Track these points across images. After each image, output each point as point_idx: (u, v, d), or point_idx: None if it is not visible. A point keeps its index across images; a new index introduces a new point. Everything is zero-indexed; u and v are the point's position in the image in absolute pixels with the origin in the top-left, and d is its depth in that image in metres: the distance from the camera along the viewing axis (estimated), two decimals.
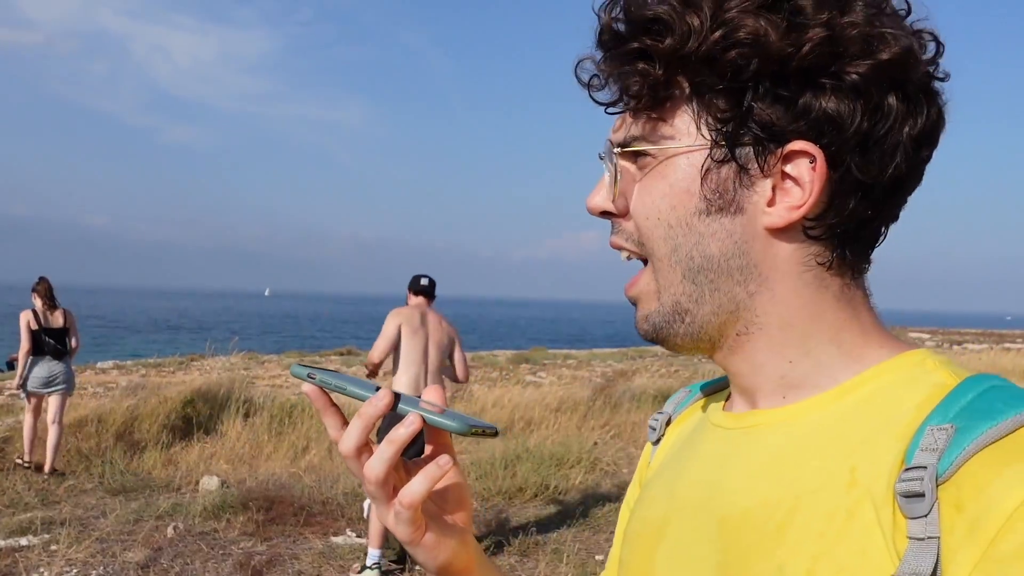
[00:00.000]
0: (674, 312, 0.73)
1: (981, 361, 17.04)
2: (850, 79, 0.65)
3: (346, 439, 0.71)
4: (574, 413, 10.71)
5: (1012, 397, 0.62)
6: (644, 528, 0.81)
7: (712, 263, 0.71)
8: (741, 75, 0.66)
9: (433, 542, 0.74)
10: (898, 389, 0.68)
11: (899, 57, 0.66)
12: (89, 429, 8.66)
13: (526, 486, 7.57)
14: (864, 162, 0.67)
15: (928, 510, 0.58)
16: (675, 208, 0.71)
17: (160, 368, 16.75)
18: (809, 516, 0.65)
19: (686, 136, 0.70)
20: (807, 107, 0.66)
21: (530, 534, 6.38)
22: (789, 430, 0.71)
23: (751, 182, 0.69)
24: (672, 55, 0.67)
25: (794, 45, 0.65)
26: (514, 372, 17.51)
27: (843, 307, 0.72)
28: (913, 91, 0.68)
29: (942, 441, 0.60)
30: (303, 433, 9.11)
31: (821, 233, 0.70)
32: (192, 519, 6.43)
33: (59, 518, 6.40)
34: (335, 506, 6.80)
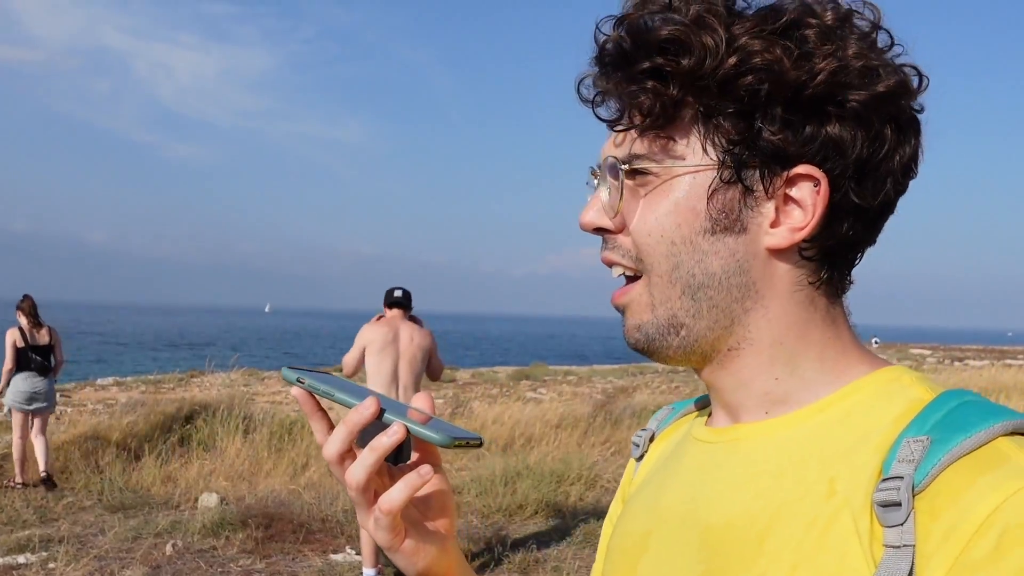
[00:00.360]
0: (669, 325, 0.75)
1: (982, 377, 17.00)
2: (852, 108, 0.68)
3: (330, 445, 0.73)
4: (575, 430, 10.68)
5: (984, 411, 0.65)
6: (626, 541, 0.83)
7: (713, 280, 0.73)
8: (754, 100, 0.68)
9: (413, 548, 0.75)
10: (876, 403, 0.70)
11: (895, 89, 0.69)
12: (88, 446, 8.64)
13: (526, 503, 7.55)
14: (860, 188, 0.70)
15: (904, 519, 0.61)
16: (680, 226, 0.72)
17: (160, 384, 16.73)
18: (789, 526, 0.67)
19: (693, 156, 0.72)
20: (814, 133, 0.69)
21: (530, 551, 6.35)
22: (770, 443, 0.73)
23: (755, 203, 0.72)
24: (688, 76, 0.69)
25: (807, 74, 0.68)
26: (515, 388, 17.49)
27: (828, 325, 0.75)
28: (903, 122, 0.71)
29: (918, 452, 0.63)
30: (303, 450, 9.08)
31: (814, 254, 0.72)
32: (191, 536, 6.41)
33: (57, 535, 6.38)
34: (334, 523, 6.77)
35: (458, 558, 0.80)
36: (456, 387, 18.35)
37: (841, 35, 0.70)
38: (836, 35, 0.69)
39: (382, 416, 0.71)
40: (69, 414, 11.15)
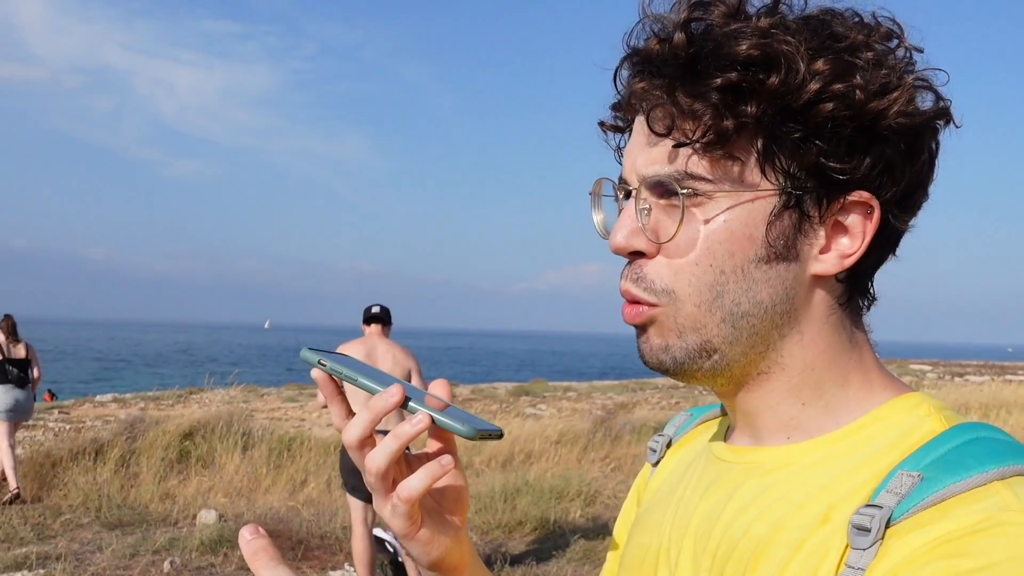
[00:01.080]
0: (701, 350, 0.71)
1: (983, 393, 16.98)
2: (907, 135, 0.68)
3: (351, 429, 0.71)
4: (574, 446, 10.65)
5: (987, 453, 0.63)
6: (643, 554, 0.82)
7: (759, 309, 0.70)
8: (825, 125, 0.66)
9: (428, 537, 0.74)
10: (892, 433, 0.69)
11: (940, 114, 0.69)
12: (87, 462, 8.61)
13: (526, 519, 7.51)
14: (902, 213, 0.70)
15: (868, 545, 0.61)
16: (733, 255, 0.69)
17: (159, 401, 16.68)
18: (780, 548, 0.67)
19: (751, 179, 0.68)
20: (875, 160, 0.67)
21: (530, 568, 6.32)
22: (786, 470, 0.72)
23: (811, 230, 0.70)
24: (773, 96, 0.65)
25: (885, 105, 0.66)
26: (514, 404, 17.44)
27: (853, 349, 0.74)
28: (936, 146, 0.71)
29: (906, 487, 0.62)
30: (302, 466, 9.05)
31: (846, 277, 0.71)
32: (189, 553, 6.38)
33: (55, 553, 6.35)
34: (333, 540, 6.74)
35: (470, 550, 0.80)
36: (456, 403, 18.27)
37: (894, 60, 0.69)
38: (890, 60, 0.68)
39: (406, 404, 0.70)
40: (68, 431, 11.11)
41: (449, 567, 0.77)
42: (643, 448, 7.80)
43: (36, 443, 9.94)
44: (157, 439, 9.20)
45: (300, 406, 16.07)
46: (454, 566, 0.77)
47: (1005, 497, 0.59)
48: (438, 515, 0.76)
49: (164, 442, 9.16)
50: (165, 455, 8.98)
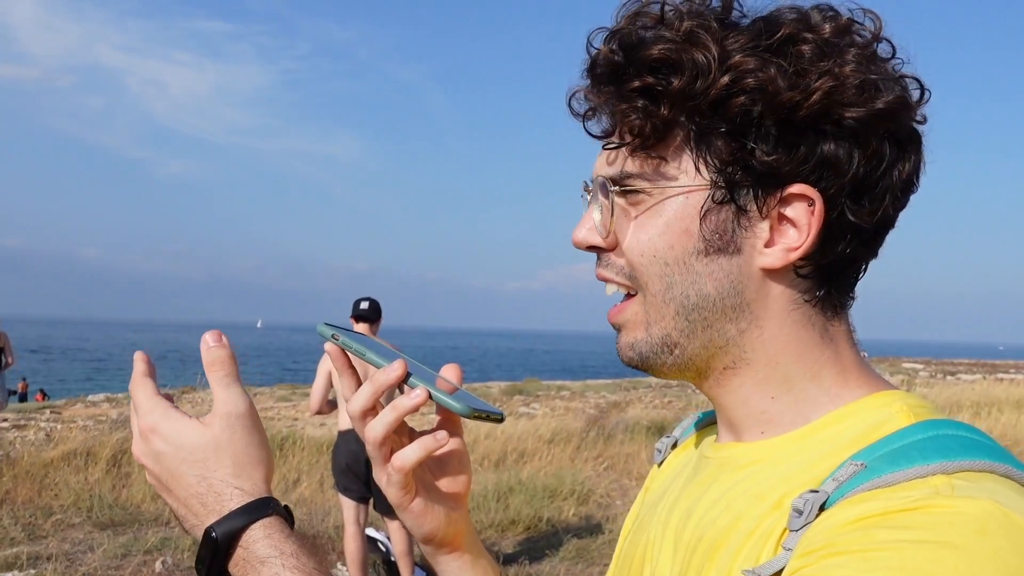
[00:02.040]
0: (663, 344, 0.74)
1: (974, 391, 17.02)
2: (848, 126, 0.67)
3: (355, 401, 0.76)
4: (567, 445, 10.65)
5: (937, 448, 0.63)
6: (634, 550, 0.85)
7: (707, 302, 0.72)
8: (747, 120, 0.67)
9: (421, 509, 0.78)
10: (859, 429, 0.69)
11: (893, 105, 0.68)
12: (78, 462, 8.57)
13: (519, 519, 7.51)
14: (857, 206, 0.69)
15: (800, 527, 0.61)
16: (673, 247, 0.71)
17: None
18: (736, 536, 0.68)
19: (685, 176, 0.71)
20: (809, 152, 0.67)
21: (523, 567, 6.32)
22: (756, 464, 0.73)
23: (749, 223, 0.70)
24: (679, 97, 0.67)
25: (802, 93, 0.66)
26: (507, 403, 17.44)
27: (826, 345, 0.74)
28: (903, 137, 0.70)
29: (847, 475, 0.62)
30: (294, 466, 9.03)
31: (810, 272, 0.71)
32: (181, 553, 6.35)
33: (46, 553, 6.31)
34: (326, 539, 6.73)
35: (469, 530, 0.83)
36: None
37: (839, 49, 0.68)
38: (833, 50, 0.68)
39: (407, 380, 0.74)
40: (59, 430, 11.07)
41: (443, 541, 0.81)
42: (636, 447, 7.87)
43: (27, 443, 9.89)
44: None
45: (293, 405, 16.04)
46: (448, 541, 0.81)
47: (939, 486, 0.58)
48: (436, 491, 0.80)
49: None
50: None
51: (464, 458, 0.82)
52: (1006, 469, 0.61)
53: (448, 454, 0.82)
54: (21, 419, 13.32)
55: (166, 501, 0.77)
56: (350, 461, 5.43)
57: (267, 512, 0.74)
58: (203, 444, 0.76)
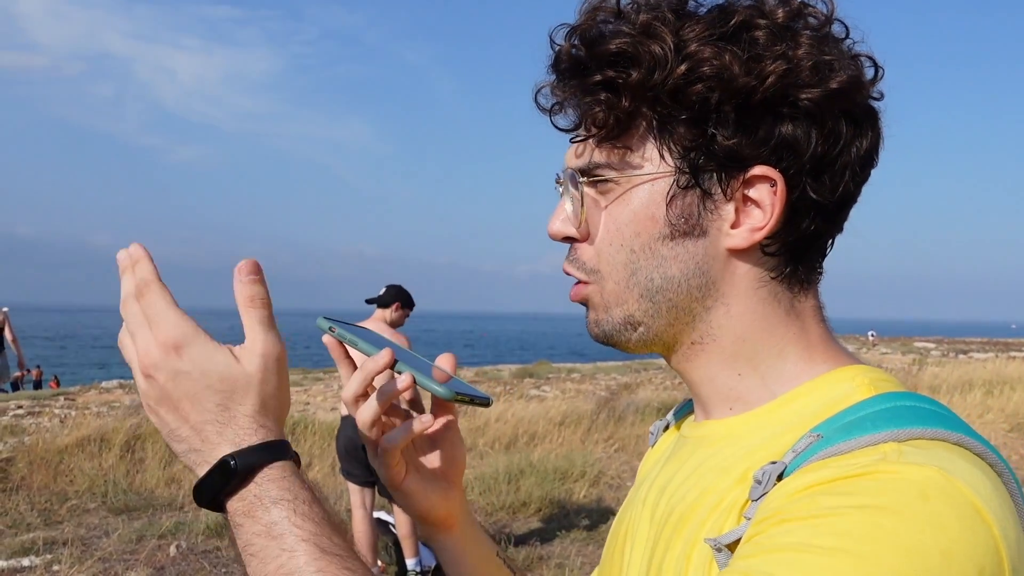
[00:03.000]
0: (625, 324, 0.77)
1: (986, 369, 16.94)
2: (804, 107, 0.69)
3: (347, 387, 0.81)
4: (578, 427, 10.67)
5: (890, 418, 0.64)
6: (617, 529, 0.88)
7: (672, 284, 0.74)
8: (705, 106, 0.69)
9: (412, 488, 0.83)
10: (821, 403, 0.71)
11: (847, 84, 0.70)
12: (92, 448, 8.64)
13: (530, 500, 7.54)
14: (818, 183, 0.71)
15: (758, 496, 0.63)
16: (639, 234, 0.74)
17: None
18: (700, 509, 0.71)
19: (650, 164, 0.73)
20: (767, 134, 0.70)
21: (534, 548, 6.35)
22: (724, 441, 0.76)
23: (714, 206, 0.73)
24: (638, 88, 0.70)
25: (757, 78, 0.68)
26: (518, 386, 17.47)
27: (792, 321, 0.76)
28: (859, 114, 0.72)
29: (804, 446, 0.64)
30: (306, 450, 9.08)
31: (777, 250, 0.73)
32: (195, 538, 6.41)
33: (61, 538, 6.38)
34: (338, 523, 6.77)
35: (463, 508, 0.87)
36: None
37: (792, 33, 0.70)
38: (787, 34, 0.70)
39: (395, 366, 0.79)
40: (73, 417, 11.15)
41: (437, 520, 0.85)
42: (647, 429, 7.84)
43: (42, 429, 9.98)
44: None
45: (304, 390, 16.12)
46: (443, 520, 0.85)
47: (887, 453, 0.59)
48: (429, 471, 0.85)
49: None
50: None
51: (457, 439, 0.86)
52: (958, 438, 0.62)
53: (441, 436, 0.86)
54: (36, 406, 13.43)
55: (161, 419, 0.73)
56: (348, 446, 5.49)
57: (286, 455, 0.73)
58: (233, 375, 0.72)
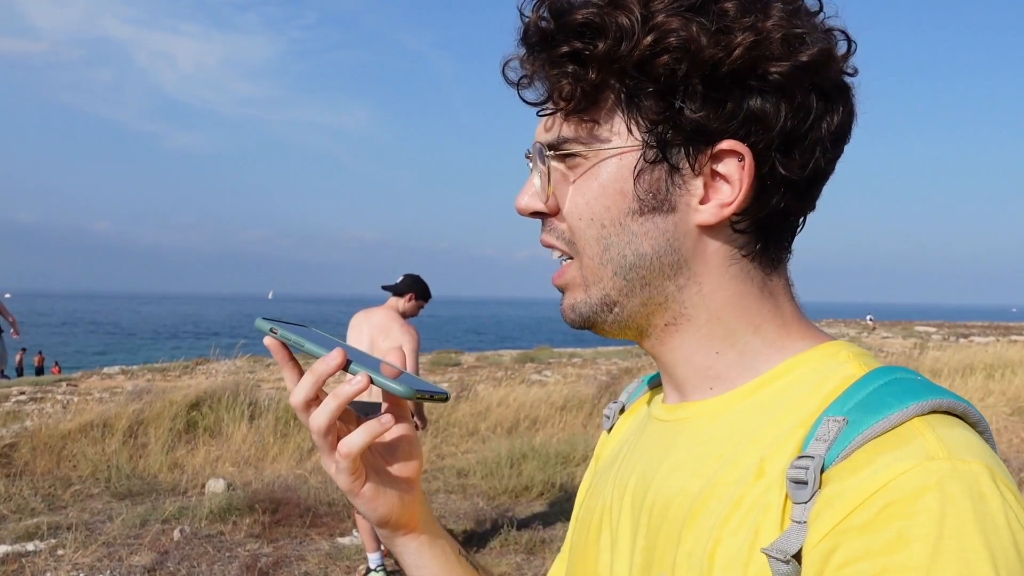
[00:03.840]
0: (602, 304, 0.75)
1: (988, 353, 16.94)
2: (773, 80, 0.68)
3: (296, 392, 0.76)
4: (579, 411, 10.70)
5: (905, 391, 0.65)
6: (590, 516, 0.86)
7: (644, 261, 0.73)
8: (672, 79, 0.68)
9: (372, 493, 0.79)
10: (810, 380, 0.71)
11: (817, 58, 0.68)
12: (95, 434, 8.67)
13: (532, 484, 7.57)
14: (787, 159, 0.70)
15: (809, 497, 0.61)
16: (609, 209, 0.73)
17: (166, 372, 16.77)
18: (718, 504, 0.68)
19: (618, 138, 0.72)
20: (736, 108, 0.69)
21: (536, 532, 6.38)
22: (713, 422, 0.74)
23: (683, 181, 0.71)
24: (605, 59, 0.69)
25: (724, 50, 0.67)
26: (519, 371, 17.50)
27: (766, 299, 0.75)
28: (830, 89, 0.71)
29: (833, 432, 0.63)
30: (308, 435, 9.08)
31: (747, 227, 0.72)
32: (198, 522, 6.44)
33: (65, 523, 6.41)
34: (341, 507, 6.80)
35: (423, 510, 0.85)
36: (461, 371, 18.37)
37: (763, 5, 0.69)
38: (757, 5, 0.68)
39: (348, 367, 0.74)
40: (76, 402, 11.18)
41: (397, 524, 0.82)
42: None
43: (45, 415, 10.00)
44: (164, 410, 9.24)
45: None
46: (403, 523, 0.82)
47: (928, 440, 0.60)
48: (387, 475, 0.81)
49: (171, 413, 9.21)
50: (173, 425, 9.03)
51: (413, 442, 0.83)
52: (964, 408, 0.65)
53: (397, 439, 0.82)
54: (38, 392, 13.46)
55: None
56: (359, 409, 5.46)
57: None
58: None
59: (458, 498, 7.47)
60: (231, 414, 9.38)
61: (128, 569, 5.50)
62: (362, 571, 5.56)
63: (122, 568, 5.52)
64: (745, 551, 0.64)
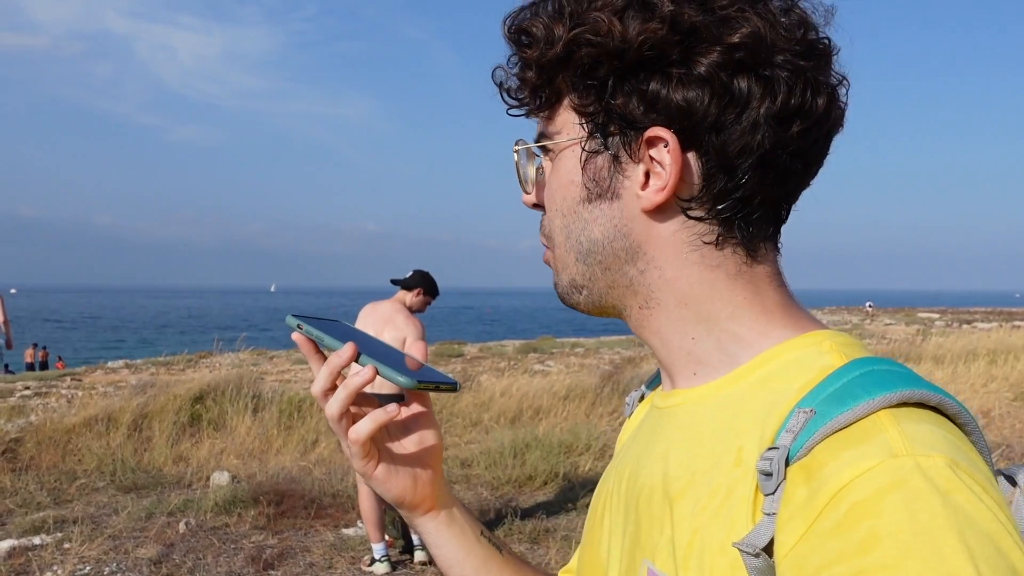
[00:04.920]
0: (571, 286, 0.80)
1: (991, 339, 16.93)
2: (696, 67, 0.68)
3: (316, 383, 0.83)
4: (582, 401, 10.71)
5: (876, 383, 0.64)
6: (596, 502, 0.89)
7: (597, 246, 0.76)
8: (595, 72, 0.71)
9: (385, 476, 0.86)
10: (790, 370, 0.71)
11: (746, 41, 0.68)
12: (100, 428, 8.70)
13: (536, 474, 7.59)
14: (720, 142, 0.70)
15: (774, 488, 0.62)
16: (565, 199, 0.78)
17: (169, 366, 16.81)
18: (698, 492, 0.69)
19: (569, 131, 0.76)
20: (655, 96, 0.70)
21: (540, 521, 6.40)
22: (697, 409, 0.75)
23: (624, 169, 0.74)
24: (538, 62, 0.74)
25: (627, 41, 0.69)
26: (522, 361, 17.52)
27: (742, 286, 0.75)
28: (770, 71, 0.69)
29: (800, 423, 0.63)
30: (312, 427, 9.13)
31: (704, 213, 0.73)
32: (203, 514, 6.47)
33: (71, 517, 6.44)
34: (345, 498, 6.82)
35: (442, 490, 0.90)
36: (464, 361, 18.40)
37: None
38: None
39: (359, 358, 0.81)
40: (80, 397, 11.21)
41: (413, 504, 0.88)
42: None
43: (50, 410, 10.03)
44: (168, 403, 9.27)
45: (310, 368, 16.18)
46: (419, 503, 0.88)
47: (891, 436, 0.60)
48: (402, 457, 0.87)
49: (175, 406, 9.24)
50: (177, 419, 9.06)
51: (431, 423, 0.89)
52: (939, 399, 0.64)
53: (415, 421, 0.89)
54: (43, 387, 13.50)
55: None
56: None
57: None
58: None
59: (462, 488, 7.49)
60: (235, 407, 9.41)
61: (134, 562, 5.53)
62: (367, 561, 5.59)
63: (128, 561, 5.55)
64: (721, 540, 0.65)
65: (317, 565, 5.60)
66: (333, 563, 5.65)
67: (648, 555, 0.72)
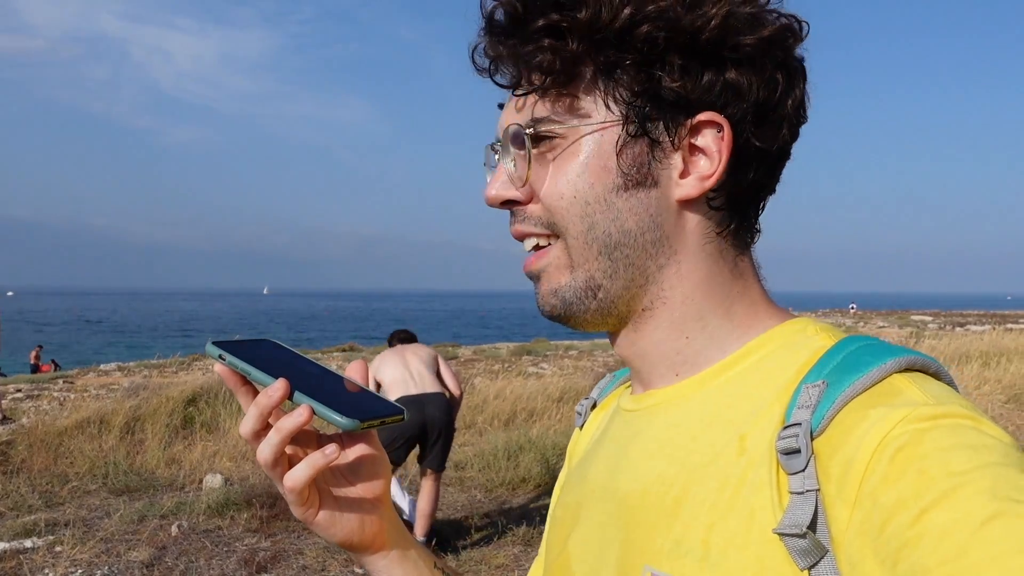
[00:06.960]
0: (587, 287, 0.74)
1: (983, 341, 16.98)
2: (746, 52, 0.68)
3: (243, 424, 0.74)
4: (576, 403, 10.69)
5: (879, 352, 0.65)
6: (564, 513, 0.84)
7: (629, 238, 0.72)
8: (652, 49, 0.68)
9: (328, 521, 0.77)
10: (782, 355, 0.71)
11: (782, 33, 0.70)
12: (92, 430, 8.66)
13: (529, 476, 7.58)
14: (760, 131, 0.70)
15: (804, 465, 0.61)
16: (593, 186, 0.71)
17: (162, 368, 16.75)
18: (702, 489, 0.67)
19: (597, 113, 0.71)
20: (713, 79, 0.69)
21: (533, 524, 6.39)
22: (682, 406, 0.73)
23: (663, 155, 0.71)
24: (586, 29, 0.68)
25: (702, 19, 0.67)
26: (516, 364, 17.50)
27: (736, 279, 0.75)
28: (792, 66, 0.72)
29: (814, 397, 0.63)
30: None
31: (722, 203, 0.72)
32: (196, 517, 6.44)
33: (63, 519, 6.41)
34: None
35: (390, 527, 0.82)
36: (458, 364, 18.38)
37: None
38: None
39: (292, 396, 0.71)
40: (72, 399, 11.18)
41: (360, 545, 0.80)
42: None
43: (42, 412, 9.99)
44: (161, 406, 9.24)
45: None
46: (367, 544, 0.80)
47: (913, 392, 0.61)
48: (346, 499, 0.78)
49: (168, 408, 9.21)
50: (169, 421, 9.03)
51: (377, 460, 0.79)
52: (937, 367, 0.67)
53: (359, 459, 0.79)
54: (35, 389, 13.45)
55: None
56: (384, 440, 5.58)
57: None
58: None
59: (455, 490, 7.48)
60: (227, 409, 9.39)
61: (126, 565, 5.50)
62: None
63: (120, 564, 5.52)
64: (741, 533, 0.63)
65: (310, 568, 5.58)
66: (326, 566, 5.63)
67: (650, 560, 0.68)
